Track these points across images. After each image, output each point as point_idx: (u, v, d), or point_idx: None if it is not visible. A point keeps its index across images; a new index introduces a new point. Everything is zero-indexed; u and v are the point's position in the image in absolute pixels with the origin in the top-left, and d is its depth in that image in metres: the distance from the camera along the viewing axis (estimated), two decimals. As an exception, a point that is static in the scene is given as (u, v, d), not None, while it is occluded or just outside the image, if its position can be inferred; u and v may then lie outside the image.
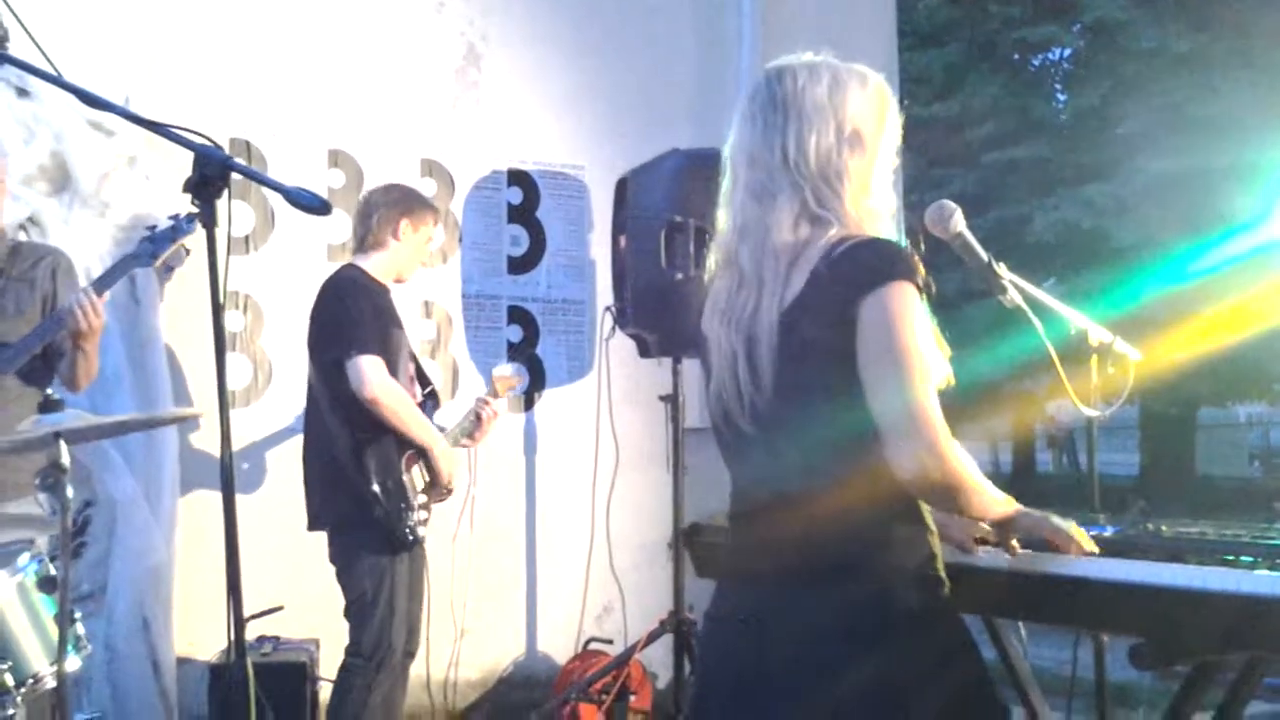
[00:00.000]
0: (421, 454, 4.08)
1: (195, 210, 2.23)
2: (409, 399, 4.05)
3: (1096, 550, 2.20)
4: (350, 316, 3.96)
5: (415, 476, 4.07)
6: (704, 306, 2.24)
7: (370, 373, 3.88)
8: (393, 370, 3.99)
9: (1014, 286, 2.85)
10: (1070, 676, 3.40)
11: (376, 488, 3.91)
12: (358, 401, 3.90)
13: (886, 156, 2.12)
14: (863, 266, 1.95)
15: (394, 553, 3.97)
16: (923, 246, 2.22)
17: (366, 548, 3.96)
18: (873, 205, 2.07)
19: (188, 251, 3.74)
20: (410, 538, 3.99)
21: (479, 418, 4.48)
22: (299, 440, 4.26)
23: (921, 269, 1.97)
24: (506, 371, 4.71)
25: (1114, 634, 3.04)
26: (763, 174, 2.07)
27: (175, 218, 3.69)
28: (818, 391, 1.98)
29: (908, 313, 1.93)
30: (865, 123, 2.08)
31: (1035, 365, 9.79)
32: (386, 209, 4.18)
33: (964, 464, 1.95)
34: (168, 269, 3.75)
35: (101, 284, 3.53)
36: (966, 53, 15.72)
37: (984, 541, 2.31)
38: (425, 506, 4.12)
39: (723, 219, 2.18)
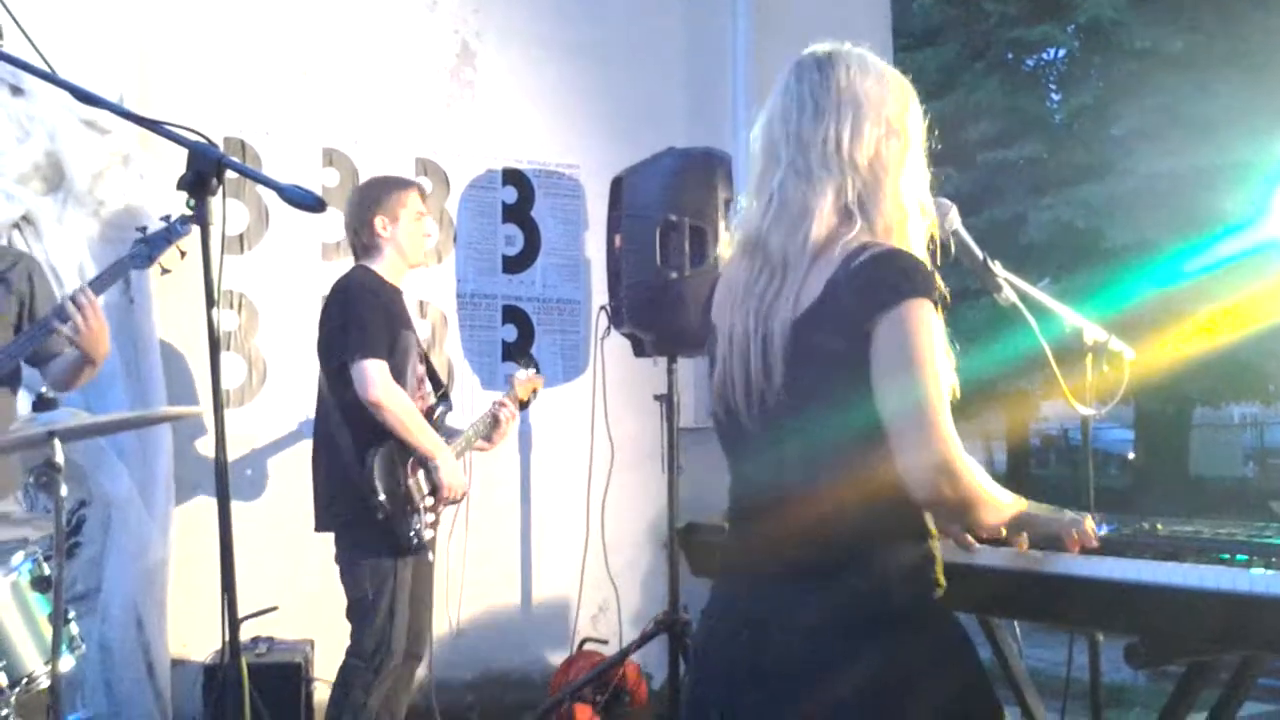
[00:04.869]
0: (424, 460, 4.06)
1: (188, 212, 2.20)
2: (413, 406, 4.01)
3: (1095, 543, 2.20)
4: (355, 320, 3.92)
5: (421, 481, 4.03)
6: (714, 293, 2.20)
7: (374, 376, 3.86)
8: (399, 372, 3.97)
9: (1009, 285, 2.85)
10: (1065, 676, 3.39)
11: (381, 491, 3.87)
12: (362, 405, 3.88)
13: (917, 153, 2.10)
14: (882, 281, 1.92)
15: (398, 556, 3.95)
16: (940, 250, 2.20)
17: (369, 549, 3.94)
18: (906, 203, 2.05)
19: (183, 254, 3.66)
20: (415, 541, 3.97)
21: (496, 420, 4.45)
22: (295, 439, 4.25)
23: (939, 283, 1.95)
24: (527, 374, 4.69)
25: (1109, 633, 3.04)
26: (812, 159, 2.02)
27: (167, 219, 3.63)
28: (823, 394, 1.96)
29: (925, 332, 1.91)
30: (902, 119, 2.08)
31: (1030, 364, 9.79)
32: (359, 216, 4.14)
33: (977, 478, 1.94)
34: (162, 271, 3.69)
35: (98, 284, 3.43)
36: (961, 52, 15.70)
37: (989, 540, 2.29)
38: (433, 510, 4.08)
39: (751, 201, 2.12)
